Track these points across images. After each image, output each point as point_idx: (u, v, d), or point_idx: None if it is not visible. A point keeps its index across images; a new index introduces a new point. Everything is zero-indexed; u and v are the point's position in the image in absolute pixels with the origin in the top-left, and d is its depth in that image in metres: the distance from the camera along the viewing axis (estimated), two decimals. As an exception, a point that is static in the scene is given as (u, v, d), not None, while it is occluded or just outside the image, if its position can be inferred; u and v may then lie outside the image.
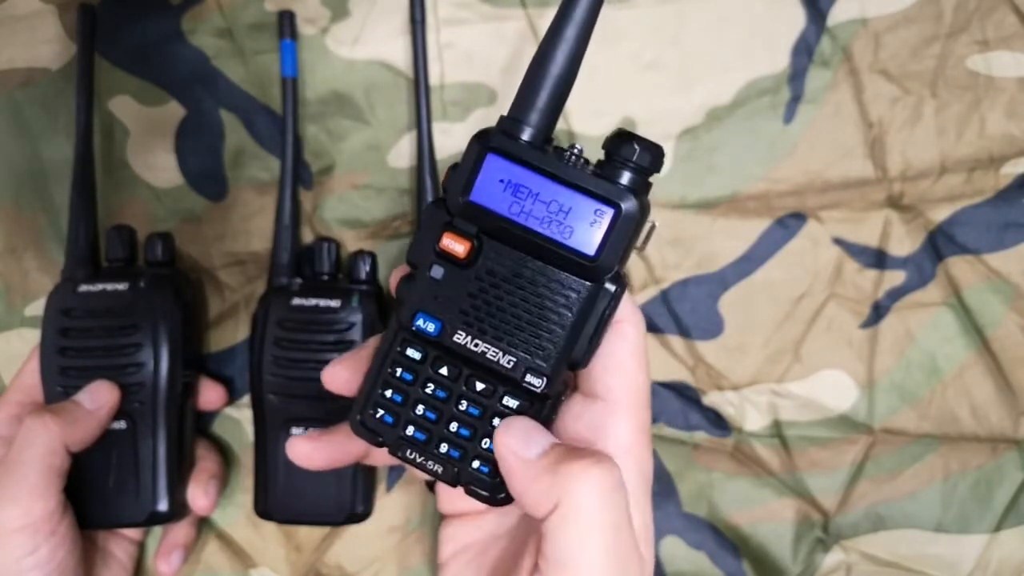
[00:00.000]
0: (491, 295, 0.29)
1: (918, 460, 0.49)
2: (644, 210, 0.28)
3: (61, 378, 0.43)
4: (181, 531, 0.47)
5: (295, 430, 0.45)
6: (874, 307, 0.49)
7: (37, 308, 0.49)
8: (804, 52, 0.48)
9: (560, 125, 0.49)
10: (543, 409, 0.30)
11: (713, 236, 0.49)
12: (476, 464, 0.31)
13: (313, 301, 0.45)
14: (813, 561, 0.49)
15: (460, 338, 0.30)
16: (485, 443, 0.30)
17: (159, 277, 0.44)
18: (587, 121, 0.48)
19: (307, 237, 0.50)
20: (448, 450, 0.31)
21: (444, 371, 0.30)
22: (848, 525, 0.49)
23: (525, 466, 0.29)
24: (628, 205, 0.28)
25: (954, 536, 0.48)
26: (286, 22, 0.47)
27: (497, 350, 0.29)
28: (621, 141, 0.28)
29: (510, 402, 0.30)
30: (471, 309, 0.29)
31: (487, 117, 0.49)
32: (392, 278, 0.33)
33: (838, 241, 0.49)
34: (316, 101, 0.49)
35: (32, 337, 0.50)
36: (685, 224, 0.49)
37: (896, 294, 0.49)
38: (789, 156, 0.48)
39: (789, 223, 0.49)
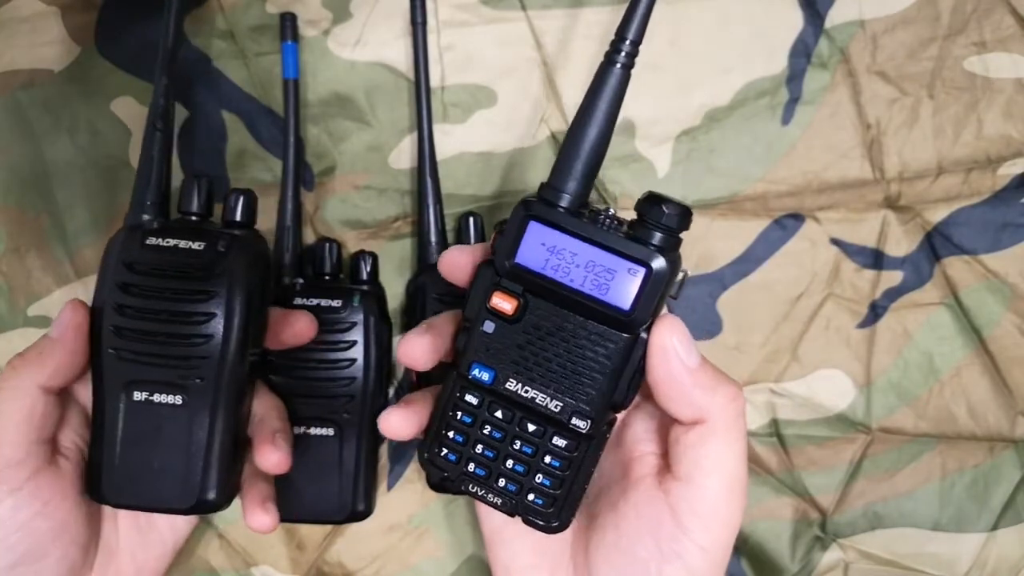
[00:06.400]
0: (537, 347, 0.32)
1: (915, 459, 0.49)
2: (674, 266, 0.31)
3: (115, 338, 0.37)
4: (263, 485, 0.41)
5: (296, 429, 0.46)
6: (872, 307, 0.49)
7: (40, 308, 0.50)
8: (802, 54, 0.48)
9: (560, 127, 0.49)
10: (589, 447, 0.33)
11: (711, 236, 0.49)
12: (532, 497, 0.33)
13: (315, 301, 0.45)
14: (811, 559, 0.49)
15: (512, 385, 0.33)
16: (539, 478, 0.33)
17: (240, 240, 0.38)
18: (587, 122, 0.49)
19: (309, 238, 0.50)
20: (506, 484, 0.34)
21: (499, 414, 0.33)
22: (846, 524, 0.49)
23: (685, 372, 0.31)
24: (658, 264, 0.30)
25: (951, 535, 0.49)
26: (288, 24, 0.48)
27: (545, 396, 0.32)
28: (651, 204, 0.31)
29: (559, 442, 0.33)
30: (520, 359, 0.32)
31: (487, 119, 0.49)
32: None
33: (836, 241, 0.49)
34: (318, 102, 0.49)
35: (35, 337, 0.50)
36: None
37: (893, 294, 0.49)
38: (787, 157, 0.49)
39: (787, 224, 0.49)
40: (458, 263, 0.34)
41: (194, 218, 0.39)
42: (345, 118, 0.49)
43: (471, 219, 0.48)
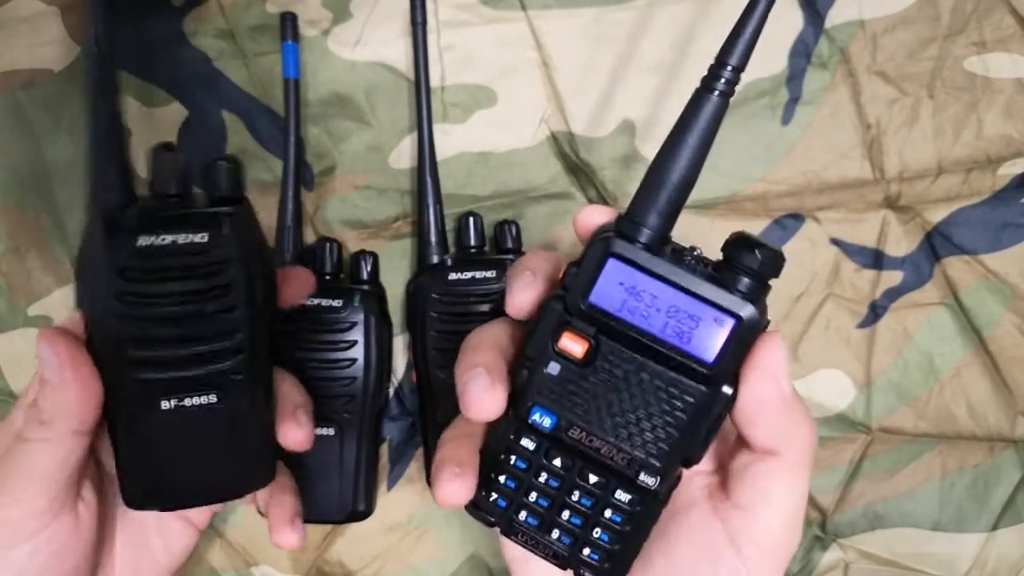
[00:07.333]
0: (608, 394, 0.30)
1: (915, 459, 0.49)
2: (763, 315, 0.29)
3: (131, 351, 0.33)
4: (290, 498, 0.40)
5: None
6: (871, 307, 0.49)
7: (40, 308, 0.50)
8: (802, 54, 0.48)
9: (559, 127, 0.49)
10: (654, 503, 0.31)
11: (712, 237, 0.49)
12: (587, 551, 0.31)
13: (315, 301, 0.45)
14: (811, 559, 0.49)
15: (575, 433, 0.30)
16: (596, 532, 0.31)
17: (240, 219, 0.34)
18: (587, 123, 0.49)
19: (309, 238, 0.50)
20: (560, 536, 0.31)
21: (558, 462, 0.31)
22: (846, 524, 0.49)
23: (779, 399, 0.29)
24: (747, 314, 0.28)
25: (951, 535, 0.49)
26: (288, 24, 0.48)
27: (612, 447, 0.30)
28: (741, 247, 0.29)
29: (623, 496, 0.31)
30: (587, 406, 0.30)
31: (487, 119, 0.49)
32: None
33: (836, 242, 0.49)
34: (318, 102, 0.49)
35: (35, 337, 0.50)
36: (684, 225, 0.48)
37: (893, 294, 0.49)
38: (787, 157, 0.49)
39: (787, 224, 0.49)
40: (528, 302, 0.32)
41: (173, 199, 0.34)
42: (345, 118, 0.49)
43: (471, 219, 0.48)
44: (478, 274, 0.45)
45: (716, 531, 0.31)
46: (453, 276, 0.46)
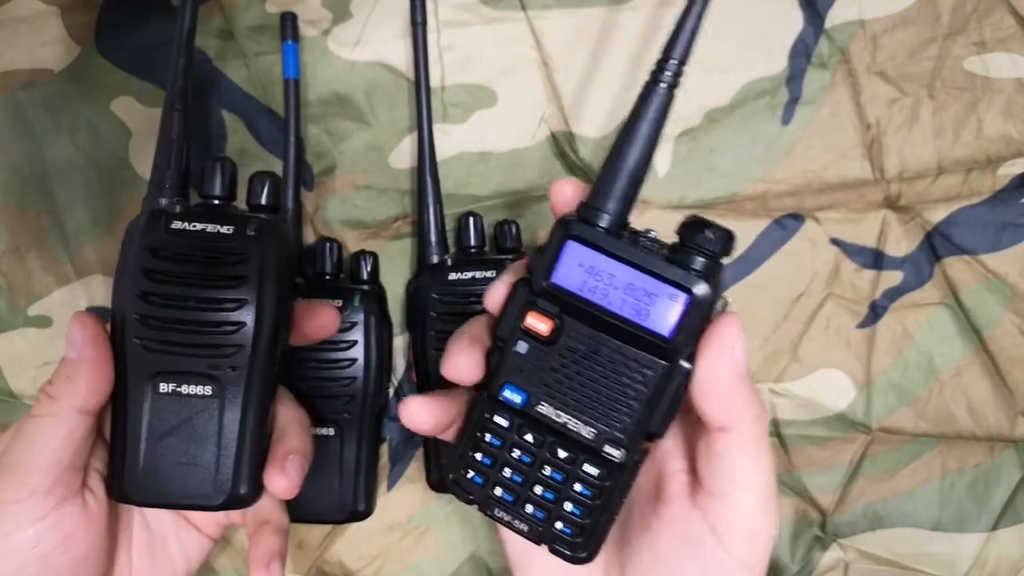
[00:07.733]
0: (572, 370, 0.31)
1: (916, 459, 0.49)
2: (716, 291, 0.30)
3: (140, 328, 0.35)
4: (272, 540, 0.39)
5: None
6: (871, 307, 0.49)
7: (40, 308, 0.50)
8: (802, 54, 0.48)
9: (560, 127, 0.49)
10: (621, 477, 0.32)
11: (712, 236, 0.49)
12: (560, 525, 0.32)
13: (316, 301, 0.45)
14: (811, 559, 0.49)
15: (544, 409, 0.32)
16: (568, 506, 0.32)
17: (270, 224, 0.36)
18: (587, 123, 0.49)
19: (309, 237, 0.50)
20: (534, 511, 0.33)
21: (529, 438, 0.32)
22: (846, 524, 0.49)
23: (734, 375, 0.30)
24: (700, 290, 0.29)
25: (951, 535, 0.49)
26: (288, 24, 0.48)
27: (578, 421, 0.32)
28: (693, 228, 0.30)
29: (590, 469, 0.32)
30: (554, 383, 0.32)
31: (487, 119, 0.49)
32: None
33: (836, 242, 0.49)
34: (318, 102, 0.49)
35: (35, 337, 0.50)
36: (684, 224, 0.49)
37: (893, 294, 0.49)
38: (787, 157, 0.49)
39: (787, 224, 0.49)
40: (503, 296, 0.33)
41: (217, 202, 0.37)
42: (345, 118, 0.49)
43: (471, 219, 0.48)
44: (478, 274, 0.45)
45: (697, 522, 0.32)
46: (453, 276, 0.46)
